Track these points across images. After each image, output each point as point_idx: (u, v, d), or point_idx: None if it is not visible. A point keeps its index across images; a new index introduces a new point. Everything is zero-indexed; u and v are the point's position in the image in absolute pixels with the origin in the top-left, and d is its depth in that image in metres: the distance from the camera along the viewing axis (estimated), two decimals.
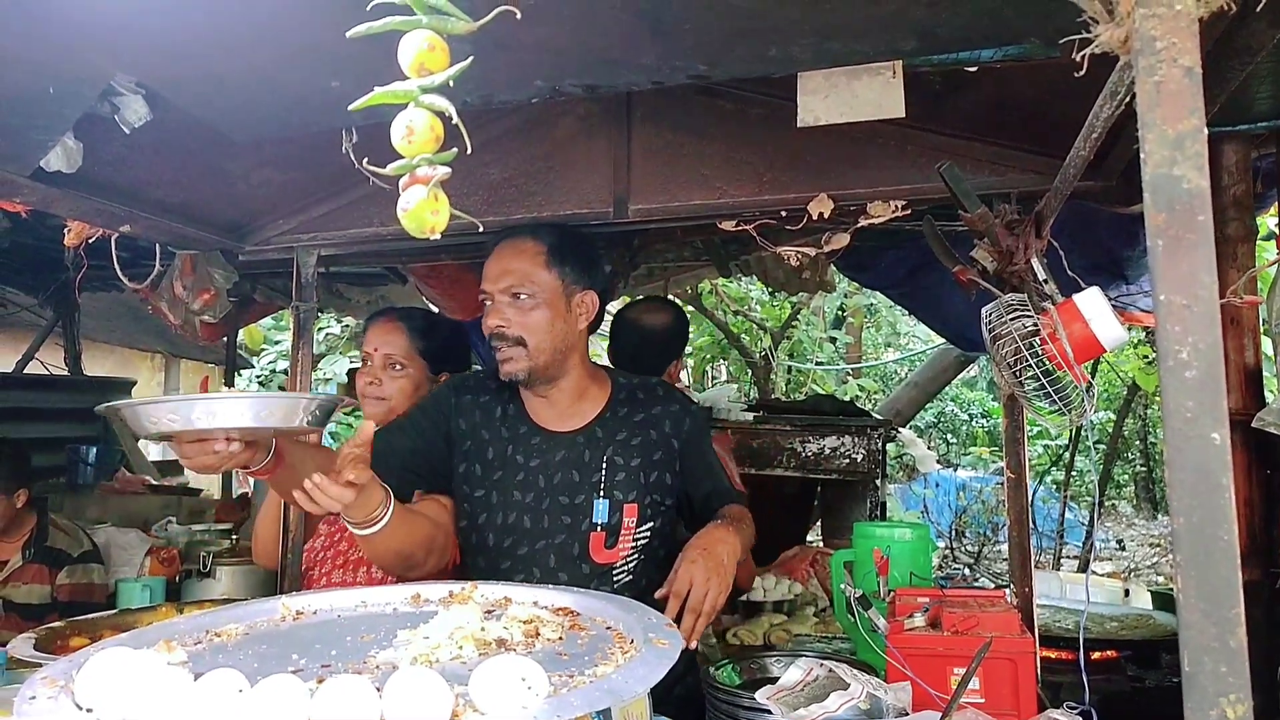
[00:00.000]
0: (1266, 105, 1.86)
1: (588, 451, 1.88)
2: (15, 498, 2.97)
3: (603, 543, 1.83)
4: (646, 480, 1.88)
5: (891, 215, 1.99)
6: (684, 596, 1.59)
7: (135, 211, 2.09)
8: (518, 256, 1.85)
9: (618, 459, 1.88)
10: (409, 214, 0.83)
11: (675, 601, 1.59)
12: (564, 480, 1.86)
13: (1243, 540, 2.03)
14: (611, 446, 1.89)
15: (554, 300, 1.84)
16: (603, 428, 1.91)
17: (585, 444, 1.89)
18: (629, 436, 1.91)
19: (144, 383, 8.26)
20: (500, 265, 1.85)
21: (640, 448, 1.90)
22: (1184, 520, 0.68)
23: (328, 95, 1.49)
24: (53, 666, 1.02)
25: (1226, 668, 0.66)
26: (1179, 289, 0.70)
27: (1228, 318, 2.07)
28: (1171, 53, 0.71)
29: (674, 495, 1.93)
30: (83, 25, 1.31)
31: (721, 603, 1.63)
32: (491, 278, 1.85)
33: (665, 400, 1.97)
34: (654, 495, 1.89)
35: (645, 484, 1.88)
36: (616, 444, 1.89)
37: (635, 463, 1.88)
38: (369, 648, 1.14)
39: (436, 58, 0.82)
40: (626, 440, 1.90)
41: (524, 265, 1.84)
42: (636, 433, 1.91)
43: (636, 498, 1.86)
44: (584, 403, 1.93)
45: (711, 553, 1.65)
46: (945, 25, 1.27)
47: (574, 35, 1.33)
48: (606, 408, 1.93)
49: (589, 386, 1.94)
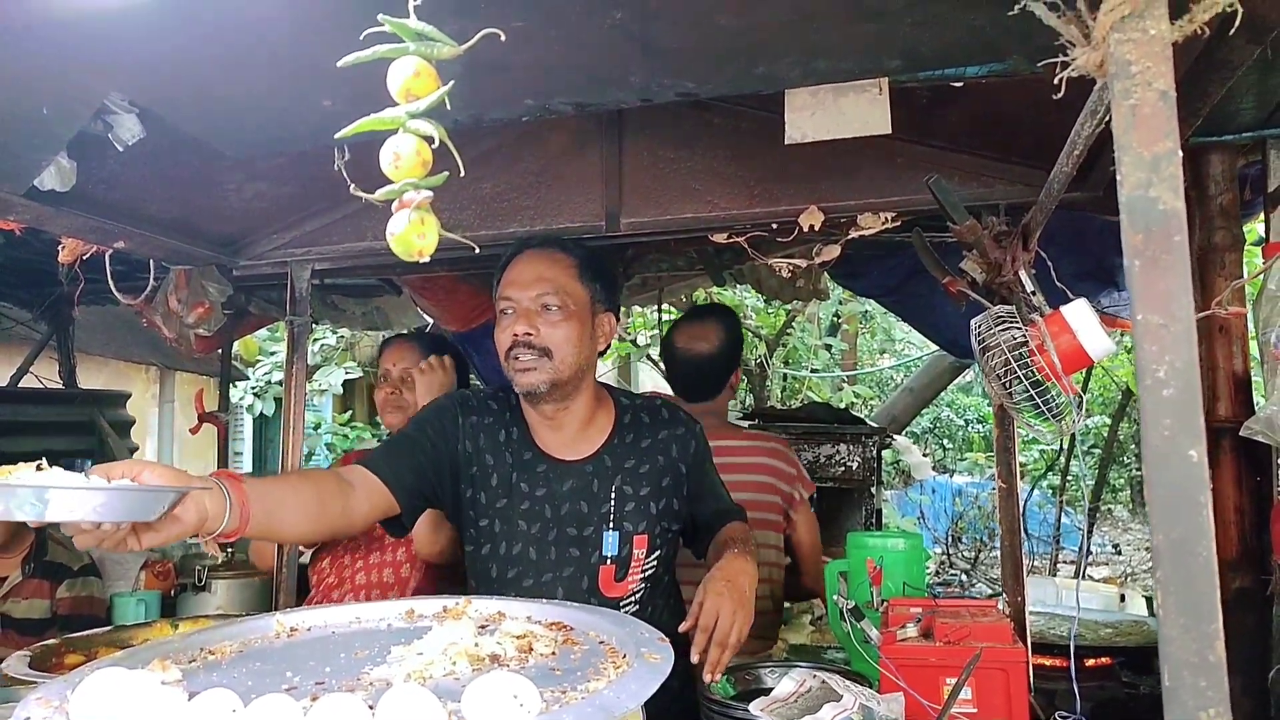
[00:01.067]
0: (1250, 116, 1.88)
1: (596, 481, 1.82)
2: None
3: (612, 576, 1.78)
4: (656, 509, 1.84)
5: (881, 227, 2.01)
6: (710, 630, 1.54)
7: (129, 228, 2.11)
8: (552, 265, 1.79)
9: (627, 488, 1.83)
10: (396, 238, 0.85)
11: (702, 636, 1.54)
12: (572, 511, 1.80)
13: (1233, 547, 2.06)
14: (620, 475, 1.83)
15: (583, 315, 1.79)
16: (611, 456, 1.85)
17: (594, 473, 1.83)
18: (637, 464, 1.85)
19: (139, 395, 8.25)
20: (532, 272, 1.78)
21: (649, 475, 1.85)
22: (1163, 537, 0.69)
23: (321, 114, 1.50)
24: (48, 687, 1.02)
25: (1206, 682, 0.67)
26: (1156, 308, 0.71)
27: (1216, 326, 2.09)
28: (1146, 76, 0.73)
29: (680, 520, 1.90)
30: (77, 45, 1.32)
31: (745, 634, 1.58)
32: (520, 284, 1.77)
33: (670, 423, 1.92)
34: (663, 523, 1.85)
35: (654, 513, 1.83)
36: (625, 472, 1.84)
37: (645, 491, 1.84)
38: (363, 664, 1.14)
39: (424, 84, 0.83)
40: (635, 468, 1.85)
41: (558, 275, 1.77)
42: (644, 460, 1.86)
43: (646, 528, 1.81)
44: (591, 429, 1.87)
45: (735, 584, 1.61)
46: (929, 44, 1.28)
47: (563, 55, 1.34)
48: (613, 433, 1.88)
49: (596, 411, 1.88)
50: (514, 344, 1.75)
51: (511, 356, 1.76)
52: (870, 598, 1.95)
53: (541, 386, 1.75)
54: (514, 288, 1.78)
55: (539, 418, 1.85)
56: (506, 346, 1.77)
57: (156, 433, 9.20)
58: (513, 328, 1.76)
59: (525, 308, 1.76)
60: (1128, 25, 0.73)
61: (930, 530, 9.21)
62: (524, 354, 1.74)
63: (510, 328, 1.76)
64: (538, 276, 1.77)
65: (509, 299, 1.78)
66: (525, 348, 1.74)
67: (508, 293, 1.78)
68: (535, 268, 1.78)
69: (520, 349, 1.75)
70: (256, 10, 1.21)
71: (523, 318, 1.75)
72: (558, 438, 1.85)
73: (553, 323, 1.75)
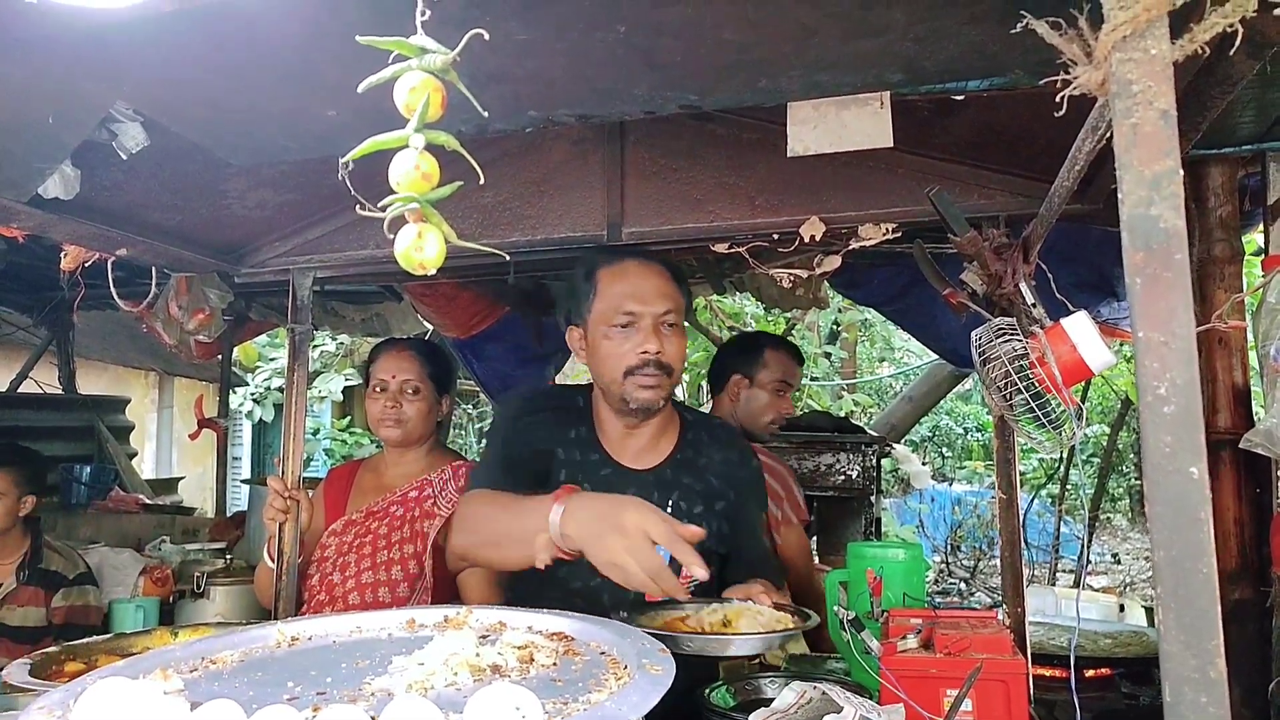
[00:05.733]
0: (1250, 129, 1.90)
1: (656, 493, 1.80)
2: (23, 501, 2.94)
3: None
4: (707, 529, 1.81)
5: (882, 238, 2.01)
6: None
7: (132, 235, 2.11)
8: (668, 281, 1.79)
9: (682, 504, 1.82)
10: (401, 254, 0.85)
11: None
12: None
13: (1234, 559, 2.06)
14: (678, 490, 1.83)
15: (684, 330, 1.82)
16: (673, 469, 1.85)
17: (654, 484, 1.82)
18: (694, 481, 1.85)
19: (138, 400, 8.25)
20: (654, 287, 1.77)
21: (704, 495, 1.85)
22: (1164, 553, 0.69)
23: (325, 124, 1.51)
24: (49, 696, 1.02)
25: (1206, 698, 0.67)
26: (1157, 326, 0.72)
27: (1216, 338, 2.09)
28: (1147, 96, 0.73)
29: (725, 545, 1.88)
30: (83, 56, 1.33)
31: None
32: (645, 298, 1.76)
33: (728, 447, 1.92)
34: (708, 544, 1.79)
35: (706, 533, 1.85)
36: (683, 488, 1.83)
37: (698, 510, 1.83)
38: (364, 674, 1.14)
39: (431, 99, 0.84)
40: (691, 485, 1.84)
41: (673, 291, 1.79)
42: (700, 478, 1.86)
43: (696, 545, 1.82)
44: (662, 439, 1.87)
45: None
46: (931, 59, 1.29)
47: (567, 68, 1.35)
48: (677, 447, 1.88)
49: (668, 423, 1.89)
50: (644, 362, 1.74)
51: (637, 372, 1.75)
52: (870, 608, 1.94)
53: (659, 404, 1.77)
54: (637, 301, 1.75)
55: (621, 427, 1.85)
56: (634, 363, 1.75)
57: (155, 437, 9.20)
58: (645, 345, 1.74)
59: (653, 324, 1.75)
60: (1129, 45, 0.74)
61: (929, 539, 9.21)
62: (653, 372, 1.74)
63: (641, 344, 1.74)
64: (661, 292, 1.76)
65: (633, 313, 1.75)
66: (657, 366, 1.74)
67: (631, 306, 1.76)
68: (656, 282, 1.77)
69: (652, 366, 1.74)
70: (262, 22, 1.22)
71: (654, 334, 1.74)
72: (630, 445, 1.85)
73: (672, 340, 1.77)
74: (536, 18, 1.19)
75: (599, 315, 1.79)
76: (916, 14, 1.20)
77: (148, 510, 4.55)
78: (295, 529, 2.25)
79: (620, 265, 1.81)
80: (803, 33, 1.24)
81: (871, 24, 1.22)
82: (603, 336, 1.78)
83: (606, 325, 1.78)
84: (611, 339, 1.77)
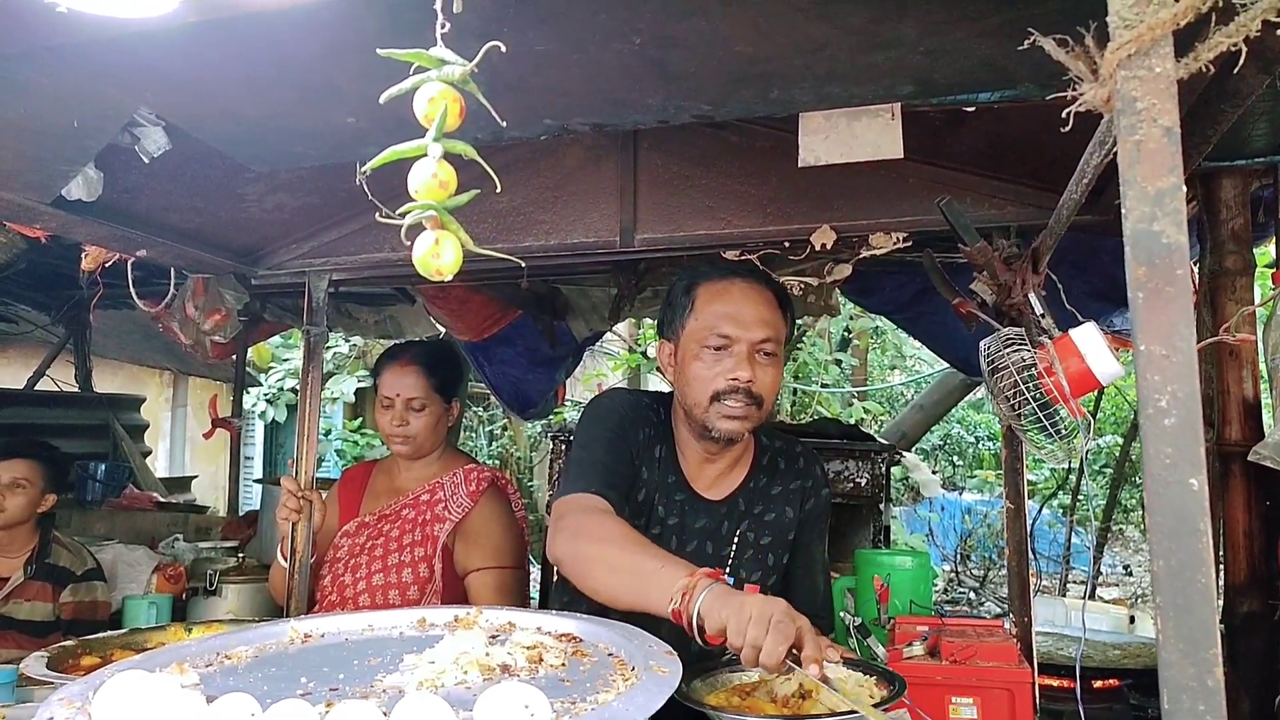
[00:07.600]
0: (1263, 141, 1.90)
1: (726, 523, 1.78)
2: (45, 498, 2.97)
3: None
4: (772, 560, 1.80)
5: (893, 246, 2.03)
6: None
7: (151, 237, 2.14)
8: (769, 306, 1.70)
9: (750, 534, 1.79)
10: (418, 260, 0.88)
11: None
12: (696, 550, 1.75)
13: (1243, 571, 2.06)
14: (747, 521, 1.79)
15: (781, 361, 1.73)
16: (745, 499, 1.80)
17: (725, 514, 1.78)
18: (764, 511, 1.81)
19: (153, 399, 8.33)
20: (755, 312, 1.67)
21: (772, 525, 1.81)
22: (1163, 564, 0.70)
23: (344, 131, 1.54)
24: (69, 688, 1.04)
25: (1204, 706, 0.68)
26: (1159, 339, 0.73)
27: (1226, 351, 2.10)
28: (1152, 113, 0.74)
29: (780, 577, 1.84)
30: (108, 63, 1.36)
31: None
32: (743, 322, 1.66)
33: (803, 474, 1.86)
34: (775, 576, 1.80)
35: (770, 565, 1.80)
36: (753, 518, 1.80)
37: (765, 541, 1.80)
38: (376, 671, 1.16)
39: (449, 109, 0.86)
40: (761, 515, 1.80)
41: (774, 317, 1.69)
42: (772, 508, 1.81)
43: (760, 579, 1.76)
44: (737, 468, 1.81)
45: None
46: (942, 72, 1.31)
47: (582, 79, 1.37)
48: (750, 475, 1.82)
49: (745, 448, 1.82)
50: (733, 388, 1.65)
51: (724, 399, 1.66)
52: (877, 615, 1.96)
53: (743, 435, 1.69)
54: (734, 324, 1.66)
55: (700, 451, 1.77)
56: (722, 388, 1.65)
57: (169, 436, 9.28)
58: (735, 371, 1.64)
59: (748, 350, 1.66)
60: (1134, 63, 0.75)
61: (939, 548, 9.17)
62: (741, 400, 1.65)
63: (732, 370, 1.65)
64: (760, 319, 1.67)
65: (728, 336, 1.66)
66: (746, 395, 1.65)
67: (726, 329, 1.66)
68: (757, 307, 1.68)
69: (741, 394, 1.65)
70: (282, 32, 1.25)
71: (748, 362, 1.65)
72: (706, 473, 1.79)
73: (767, 369, 1.67)
74: (554, 30, 1.22)
75: (692, 333, 1.70)
76: (927, 29, 1.21)
77: (161, 508, 4.60)
78: (308, 529, 2.27)
79: (723, 284, 1.71)
80: (814, 46, 1.26)
81: (882, 38, 1.23)
82: (694, 357, 1.69)
83: (699, 345, 1.68)
84: (703, 360, 1.68)
